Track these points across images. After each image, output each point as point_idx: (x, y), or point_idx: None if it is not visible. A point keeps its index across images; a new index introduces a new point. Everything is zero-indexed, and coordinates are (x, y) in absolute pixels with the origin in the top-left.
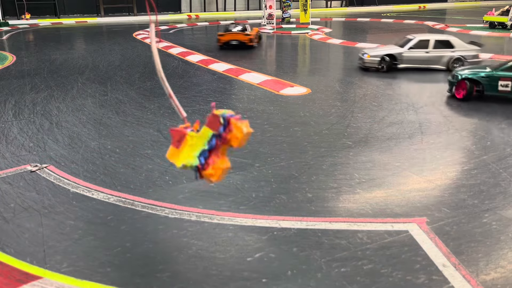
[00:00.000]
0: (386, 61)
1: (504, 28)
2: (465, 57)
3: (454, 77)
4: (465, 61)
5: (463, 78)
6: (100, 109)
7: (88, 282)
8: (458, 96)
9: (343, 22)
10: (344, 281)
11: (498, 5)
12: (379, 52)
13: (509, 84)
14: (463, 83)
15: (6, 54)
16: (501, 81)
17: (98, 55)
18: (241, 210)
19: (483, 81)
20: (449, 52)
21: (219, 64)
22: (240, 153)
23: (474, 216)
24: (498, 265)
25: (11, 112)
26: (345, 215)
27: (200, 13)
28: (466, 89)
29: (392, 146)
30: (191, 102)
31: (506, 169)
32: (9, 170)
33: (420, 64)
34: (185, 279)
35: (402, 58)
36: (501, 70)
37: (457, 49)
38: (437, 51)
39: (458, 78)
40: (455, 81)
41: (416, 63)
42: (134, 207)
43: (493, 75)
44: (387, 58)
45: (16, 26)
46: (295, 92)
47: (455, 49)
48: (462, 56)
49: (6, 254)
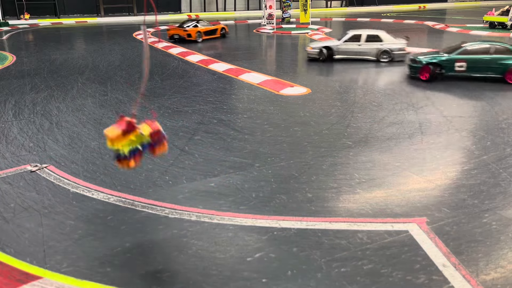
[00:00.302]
0: (324, 53)
1: (504, 28)
2: (392, 50)
3: (416, 63)
4: (391, 53)
5: (427, 63)
6: (100, 109)
7: (88, 282)
8: (423, 78)
9: (343, 22)
10: (344, 281)
11: (498, 5)
12: (318, 45)
13: (464, 65)
14: (427, 67)
15: (6, 54)
16: (457, 63)
17: (98, 55)
18: (241, 210)
19: (443, 64)
20: (378, 45)
21: (219, 64)
22: (240, 153)
23: (474, 216)
24: (498, 265)
25: (11, 112)
26: (345, 215)
27: (200, 13)
28: (429, 72)
29: (392, 146)
30: (191, 102)
31: (506, 169)
32: (9, 170)
33: (354, 55)
34: (185, 279)
35: (338, 50)
36: (457, 54)
37: (385, 43)
38: (368, 44)
39: (422, 63)
40: (419, 65)
41: (350, 54)
42: (134, 207)
43: (451, 58)
44: (324, 50)
45: (16, 26)
46: (295, 92)
47: (383, 43)
48: (389, 48)
49: (6, 254)
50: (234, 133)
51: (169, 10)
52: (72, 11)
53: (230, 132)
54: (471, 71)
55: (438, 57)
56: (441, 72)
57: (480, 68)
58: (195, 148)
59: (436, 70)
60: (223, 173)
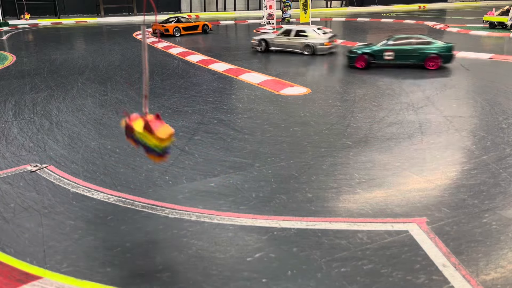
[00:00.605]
0: (263, 44)
1: (504, 28)
2: (314, 44)
3: (353, 53)
4: (313, 47)
5: (363, 53)
6: (100, 109)
7: (88, 282)
8: (359, 66)
9: (343, 22)
10: (344, 281)
11: (498, 5)
12: (258, 37)
13: (391, 54)
14: (362, 57)
15: (6, 54)
16: (386, 53)
17: (98, 55)
18: (241, 210)
19: (375, 54)
20: (303, 39)
21: (219, 64)
22: (240, 153)
23: (474, 216)
24: (498, 265)
25: (11, 112)
26: (345, 215)
27: (200, 13)
28: (365, 61)
29: (392, 146)
30: (191, 102)
31: (506, 169)
32: (9, 170)
33: (284, 48)
34: (185, 279)
35: (273, 42)
36: (385, 45)
37: (309, 38)
38: (296, 38)
39: (358, 53)
40: (355, 56)
41: (282, 46)
42: (134, 207)
43: (381, 49)
44: (263, 42)
45: (16, 26)
46: (295, 92)
47: (307, 38)
48: (311, 43)
49: (6, 254)
50: (234, 133)
51: (169, 10)
52: (72, 11)
53: (230, 132)
54: (398, 59)
55: (371, 48)
56: (374, 61)
57: (405, 57)
58: (195, 148)
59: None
60: (223, 173)
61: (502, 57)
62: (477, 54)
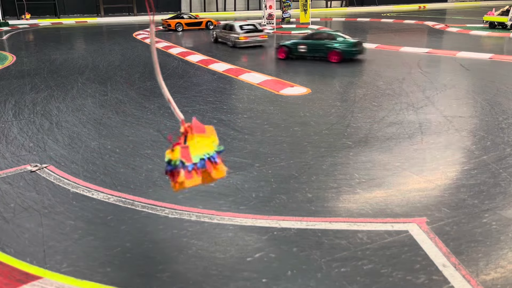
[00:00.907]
0: (214, 36)
1: (504, 28)
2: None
3: (277, 46)
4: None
5: (283, 45)
6: (100, 109)
7: (88, 282)
8: (280, 57)
9: (343, 22)
10: (344, 281)
11: (498, 5)
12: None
13: (304, 48)
14: (282, 48)
15: (6, 54)
16: (299, 46)
17: (98, 55)
18: (241, 210)
19: (292, 46)
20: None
21: (219, 64)
22: (240, 153)
23: (474, 216)
24: (498, 265)
25: (11, 112)
26: (345, 215)
27: (200, 13)
28: (285, 52)
29: (392, 146)
30: (191, 102)
31: (506, 169)
32: (9, 170)
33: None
34: (185, 279)
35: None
36: (300, 39)
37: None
38: (229, 32)
39: (279, 46)
40: (278, 48)
41: (223, 39)
42: (134, 207)
43: (296, 43)
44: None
45: (16, 26)
46: (295, 92)
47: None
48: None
49: (6, 254)
50: (234, 133)
51: (169, 10)
52: (72, 11)
53: (230, 132)
54: (309, 52)
55: (289, 41)
56: (290, 53)
57: (314, 50)
58: None
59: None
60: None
61: (502, 57)
62: (477, 54)
